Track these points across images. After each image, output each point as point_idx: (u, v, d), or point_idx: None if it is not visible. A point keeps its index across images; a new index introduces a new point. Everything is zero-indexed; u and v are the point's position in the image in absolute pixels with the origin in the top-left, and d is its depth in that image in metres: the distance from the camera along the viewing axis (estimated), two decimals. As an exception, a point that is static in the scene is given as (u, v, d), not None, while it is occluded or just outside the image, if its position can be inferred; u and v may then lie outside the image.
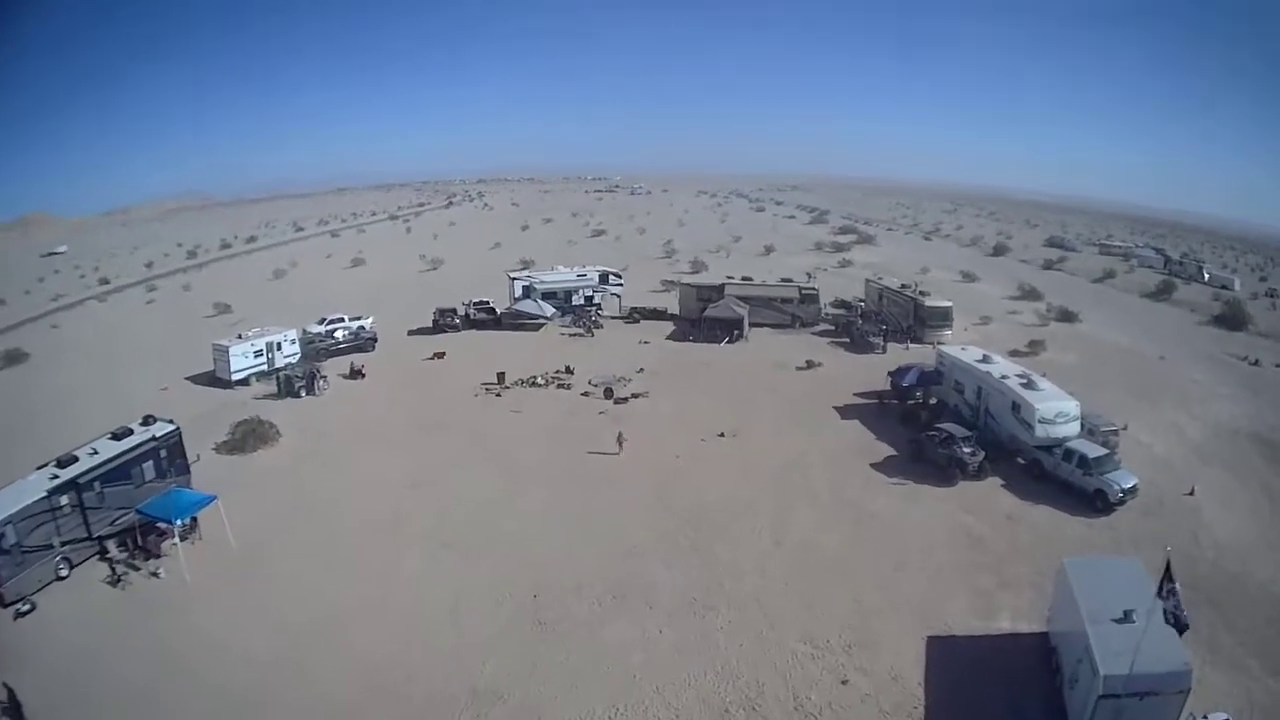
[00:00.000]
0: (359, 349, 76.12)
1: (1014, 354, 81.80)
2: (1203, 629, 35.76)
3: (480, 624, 35.83)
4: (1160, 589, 26.77)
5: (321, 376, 66.55)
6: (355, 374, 68.51)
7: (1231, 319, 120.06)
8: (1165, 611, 26.59)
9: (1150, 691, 27.17)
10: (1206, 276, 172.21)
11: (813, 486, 51.24)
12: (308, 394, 64.68)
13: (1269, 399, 78.56)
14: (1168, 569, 26.63)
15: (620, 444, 53.24)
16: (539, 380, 66.88)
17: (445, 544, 43.22)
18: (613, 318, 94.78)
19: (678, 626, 35.58)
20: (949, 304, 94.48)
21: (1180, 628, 26.77)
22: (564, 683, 31.79)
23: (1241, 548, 46.41)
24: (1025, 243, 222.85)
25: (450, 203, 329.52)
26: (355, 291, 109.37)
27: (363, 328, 79.76)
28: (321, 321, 79.97)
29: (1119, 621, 29.94)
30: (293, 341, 72.43)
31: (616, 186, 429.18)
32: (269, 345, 69.77)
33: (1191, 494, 52.99)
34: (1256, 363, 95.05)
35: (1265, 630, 38.08)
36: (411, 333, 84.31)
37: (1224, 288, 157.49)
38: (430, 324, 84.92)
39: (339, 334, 77.82)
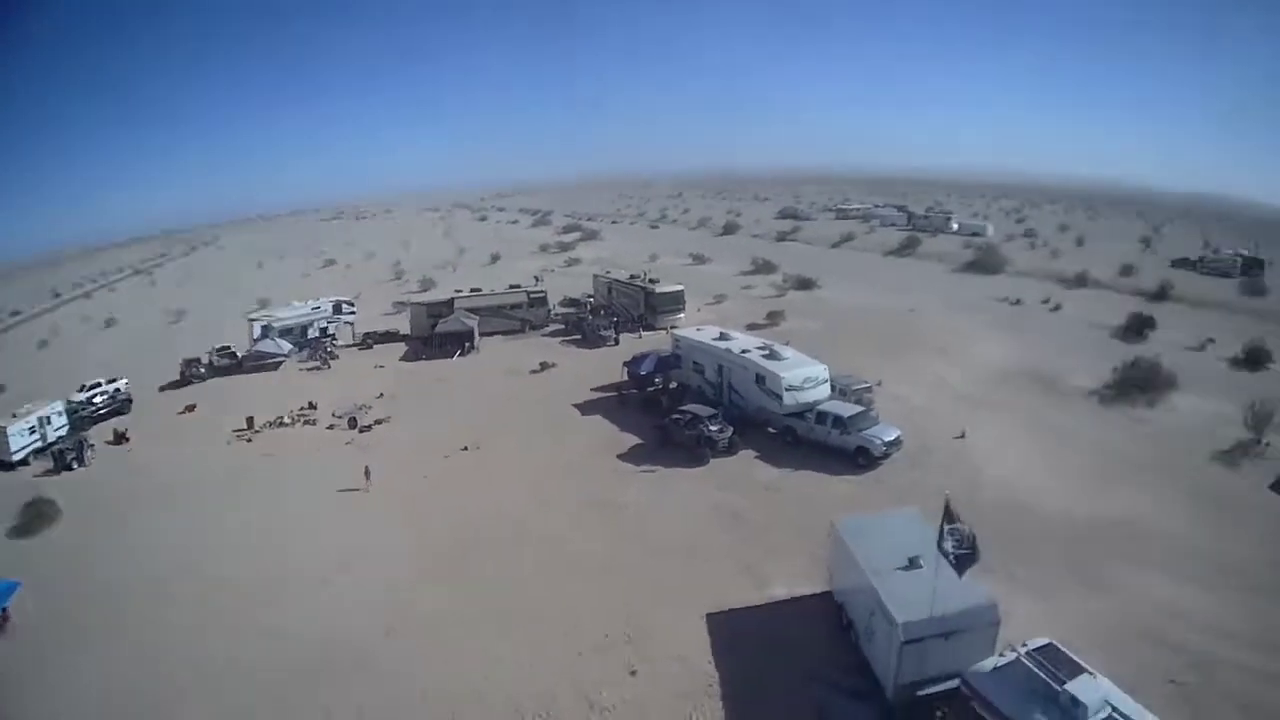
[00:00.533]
0: (118, 412, 76.51)
1: (753, 328, 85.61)
2: (997, 564, 37.38)
3: (261, 673, 35.26)
4: (940, 532, 28.09)
5: (89, 445, 66.49)
6: (120, 439, 68.39)
7: (986, 264, 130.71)
8: (943, 552, 27.85)
9: (955, 630, 28.34)
10: (955, 226, 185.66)
11: (563, 488, 52.27)
12: (79, 465, 64.41)
13: (1034, 336, 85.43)
14: (946, 510, 28.00)
15: (367, 478, 53.31)
16: (285, 420, 68.62)
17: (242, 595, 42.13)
18: (347, 346, 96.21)
19: (458, 647, 35.65)
20: (680, 288, 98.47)
21: (960, 566, 27.79)
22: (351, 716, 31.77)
23: (1024, 481, 49.83)
24: (757, 218, 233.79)
25: (191, 250, 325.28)
26: (109, 353, 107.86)
27: (119, 390, 79.54)
28: (82, 389, 78.73)
29: (905, 570, 31.42)
30: (60, 413, 72.15)
31: (341, 214, 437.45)
32: (40, 420, 69.52)
33: (962, 437, 56.50)
34: (1018, 302, 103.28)
35: (1065, 555, 41.04)
36: (163, 388, 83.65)
37: (976, 235, 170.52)
38: (179, 376, 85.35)
39: (98, 399, 77.58)
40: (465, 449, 59.47)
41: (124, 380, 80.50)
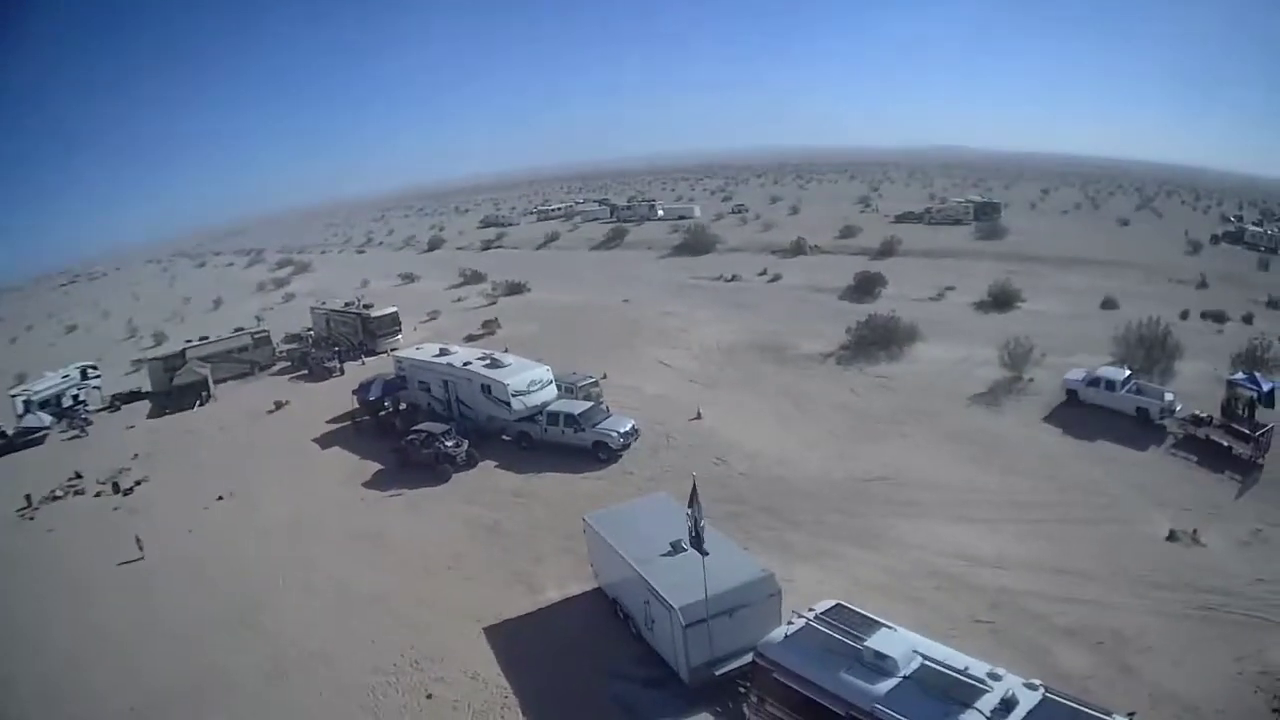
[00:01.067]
0: None
1: (470, 339, 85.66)
2: (766, 536, 38.43)
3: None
4: (691, 514, 27.93)
5: None
6: None
7: (696, 245, 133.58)
8: (695, 532, 27.97)
9: (736, 606, 28.61)
10: (661, 212, 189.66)
11: (320, 525, 50.90)
12: None
13: (757, 309, 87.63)
14: (694, 492, 27.87)
15: (140, 547, 51.06)
16: (58, 493, 66.43)
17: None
18: (98, 410, 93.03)
19: (260, 702, 34.44)
20: (394, 309, 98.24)
21: (698, 548, 28.07)
22: None
23: (773, 452, 50.61)
24: (460, 230, 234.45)
25: None
26: None
27: None
28: None
29: (670, 555, 31.43)
30: None
31: (77, 276, 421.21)
32: None
33: (699, 418, 57.13)
34: (734, 279, 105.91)
35: (835, 517, 41.78)
36: None
37: (683, 218, 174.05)
38: None
39: None
40: (220, 498, 57.75)
41: None
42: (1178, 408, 49.51)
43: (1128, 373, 52.53)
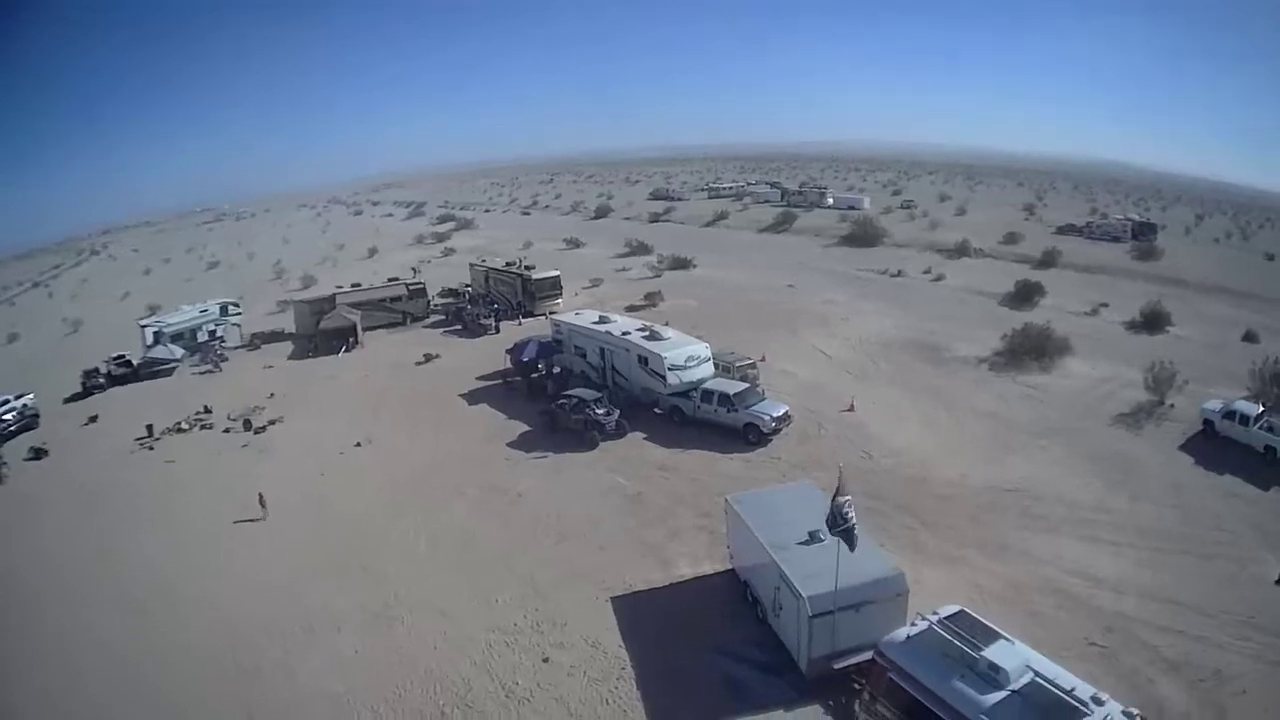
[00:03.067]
0: (27, 428, 74.54)
1: (631, 309, 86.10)
2: (901, 534, 38.54)
3: (185, 675, 34.70)
4: (833, 504, 28.05)
5: (4, 463, 64.30)
6: (38, 454, 66.42)
7: (863, 237, 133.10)
8: (830, 525, 28.18)
9: (863, 601, 28.72)
10: (831, 201, 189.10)
11: (456, 478, 51.74)
12: None
13: (918, 307, 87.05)
14: (840, 483, 27.93)
15: (263, 504, 51.03)
16: (184, 425, 67.93)
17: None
18: (235, 348, 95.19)
19: (370, 645, 35.37)
20: (556, 273, 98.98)
21: (850, 542, 28.06)
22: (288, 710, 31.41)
23: (917, 451, 50.63)
24: (629, 200, 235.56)
25: (80, 259, 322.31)
26: (10, 369, 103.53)
27: (26, 405, 77.40)
28: None
29: (806, 544, 31.65)
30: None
31: (223, 215, 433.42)
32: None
33: (851, 410, 57.18)
34: (899, 274, 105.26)
35: (967, 523, 41.77)
36: (66, 400, 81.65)
37: (852, 208, 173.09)
38: (80, 388, 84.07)
39: (7, 416, 75.19)
40: (359, 444, 58.90)
41: (30, 395, 79.14)
42: (1304, 451, 48.30)
43: (1261, 409, 51.17)
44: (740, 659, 32.22)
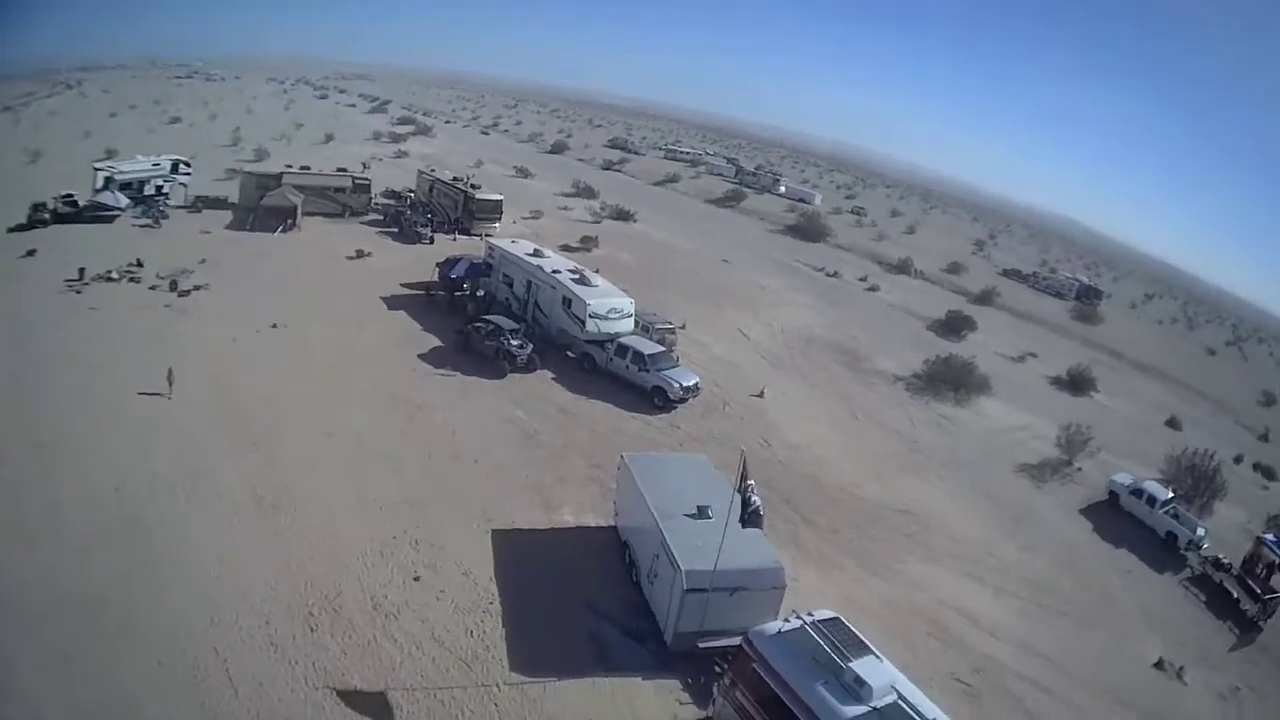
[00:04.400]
0: None
1: (565, 249, 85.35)
2: (782, 528, 38.41)
3: (77, 527, 33.66)
4: (738, 486, 27.99)
5: None
6: None
7: (809, 230, 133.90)
8: (744, 506, 27.87)
9: (739, 587, 28.80)
10: (783, 189, 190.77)
11: (361, 378, 51.12)
12: None
13: (848, 312, 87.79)
14: (743, 467, 28.05)
15: (170, 382, 50.13)
16: (114, 275, 67.28)
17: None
18: (178, 207, 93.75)
19: (248, 526, 35.01)
20: (500, 197, 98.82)
21: (749, 522, 28.05)
22: (152, 589, 30.64)
23: (818, 451, 50.78)
24: (586, 142, 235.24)
25: (53, 92, 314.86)
26: None
27: None
28: None
29: (694, 517, 31.62)
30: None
31: (195, 73, 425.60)
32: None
33: (760, 396, 57.33)
34: (835, 274, 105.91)
35: (852, 533, 41.92)
36: (10, 229, 79.77)
37: (803, 201, 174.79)
38: (25, 220, 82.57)
39: None
40: (275, 326, 58.15)
41: None
42: (1204, 544, 49.25)
43: (1170, 494, 52.15)
44: (608, 618, 32.15)
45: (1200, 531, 49.59)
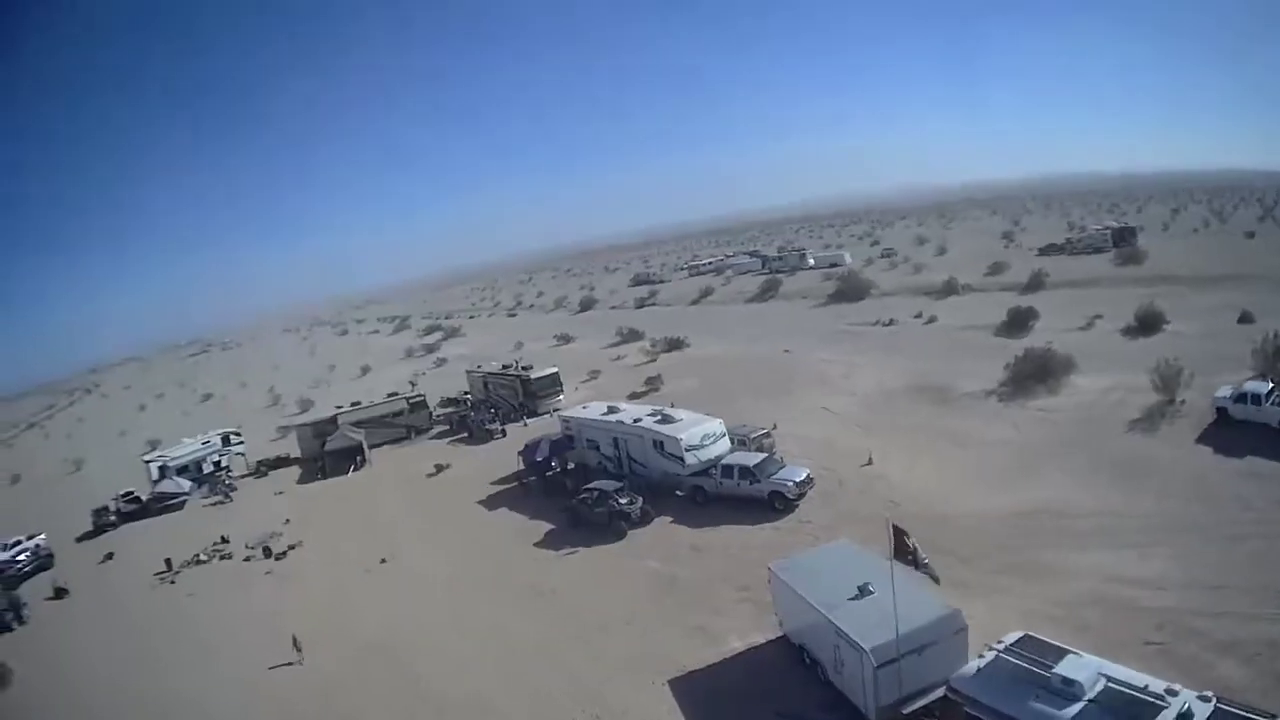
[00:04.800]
0: (42, 568, 75.14)
1: (634, 397, 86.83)
2: (942, 574, 38.58)
3: None
4: (902, 552, 29.02)
5: (24, 604, 64.25)
6: (59, 594, 66.55)
7: (851, 291, 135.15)
8: (922, 568, 29.17)
9: (925, 644, 29.13)
10: (812, 261, 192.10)
11: (487, 583, 52.21)
12: (19, 624, 62.31)
13: (914, 351, 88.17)
14: (896, 532, 28.98)
15: (298, 648, 49.88)
16: (202, 557, 68.17)
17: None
18: (242, 476, 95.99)
19: None
20: (555, 369, 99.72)
21: (933, 576, 29.47)
22: None
23: (940, 490, 51.29)
24: (611, 289, 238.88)
25: (73, 399, 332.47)
26: (15, 508, 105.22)
27: (39, 545, 78.24)
28: (2, 548, 77.03)
29: (857, 598, 32.13)
30: (-14, 576, 71.87)
31: (209, 346, 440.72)
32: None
33: (870, 463, 57.55)
34: (891, 323, 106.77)
35: (1001, 552, 42.38)
36: (79, 539, 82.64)
37: (834, 265, 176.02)
38: (91, 526, 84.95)
39: (21, 556, 75.90)
40: (383, 561, 59.04)
41: (43, 535, 79.62)
42: (1324, 418, 48.84)
43: (1270, 385, 52.02)
44: (802, 715, 32.47)
45: (1314, 408, 49.24)
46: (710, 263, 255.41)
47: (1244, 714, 21.89)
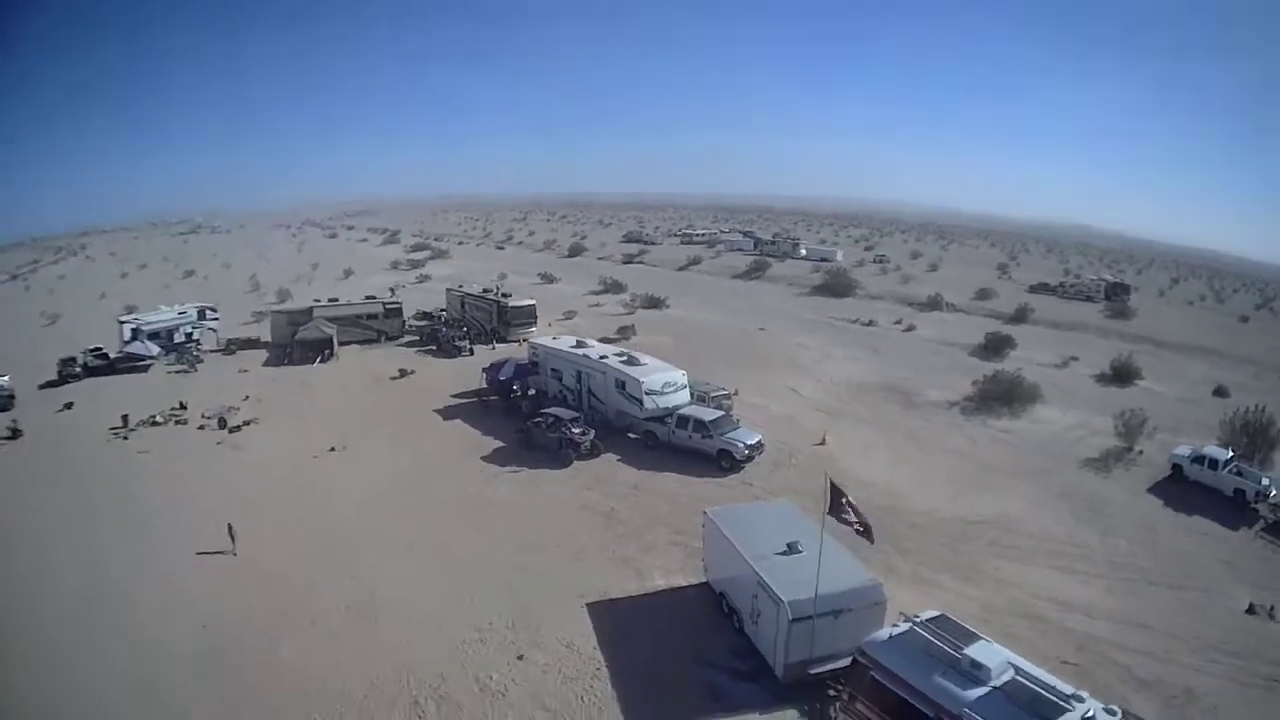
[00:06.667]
0: (2, 408, 75.20)
1: (605, 342, 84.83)
2: (873, 558, 38.32)
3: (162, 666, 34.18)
4: (835, 508, 29.13)
5: None
6: (14, 434, 67.20)
7: (837, 287, 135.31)
8: (847, 523, 29.17)
9: (842, 609, 29.31)
10: (804, 252, 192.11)
11: (431, 487, 52.46)
12: None
13: (889, 354, 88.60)
14: (833, 487, 29.16)
15: (232, 538, 48.96)
16: (158, 419, 68.74)
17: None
18: (211, 351, 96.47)
19: (345, 638, 35.57)
20: (532, 302, 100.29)
21: (868, 536, 29.25)
22: (258, 704, 31.31)
23: (889, 483, 51.59)
24: (602, 241, 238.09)
25: (59, 257, 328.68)
26: None
27: (2, 385, 78.39)
28: None
29: (785, 554, 32.44)
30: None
31: (199, 228, 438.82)
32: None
33: (823, 443, 58.01)
34: (871, 323, 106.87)
35: (940, 550, 42.77)
36: (41, 386, 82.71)
37: (825, 260, 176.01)
38: (56, 376, 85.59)
39: None
40: (333, 449, 59.36)
41: (6, 376, 79.83)
42: (1272, 493, 49.72)
43: (1230, 454, 53.03)
44: (715, 665, 32.63)
45: (1265, 482, 50.20)
46: (703, 234, 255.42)
47: None
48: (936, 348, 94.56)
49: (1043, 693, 22.69)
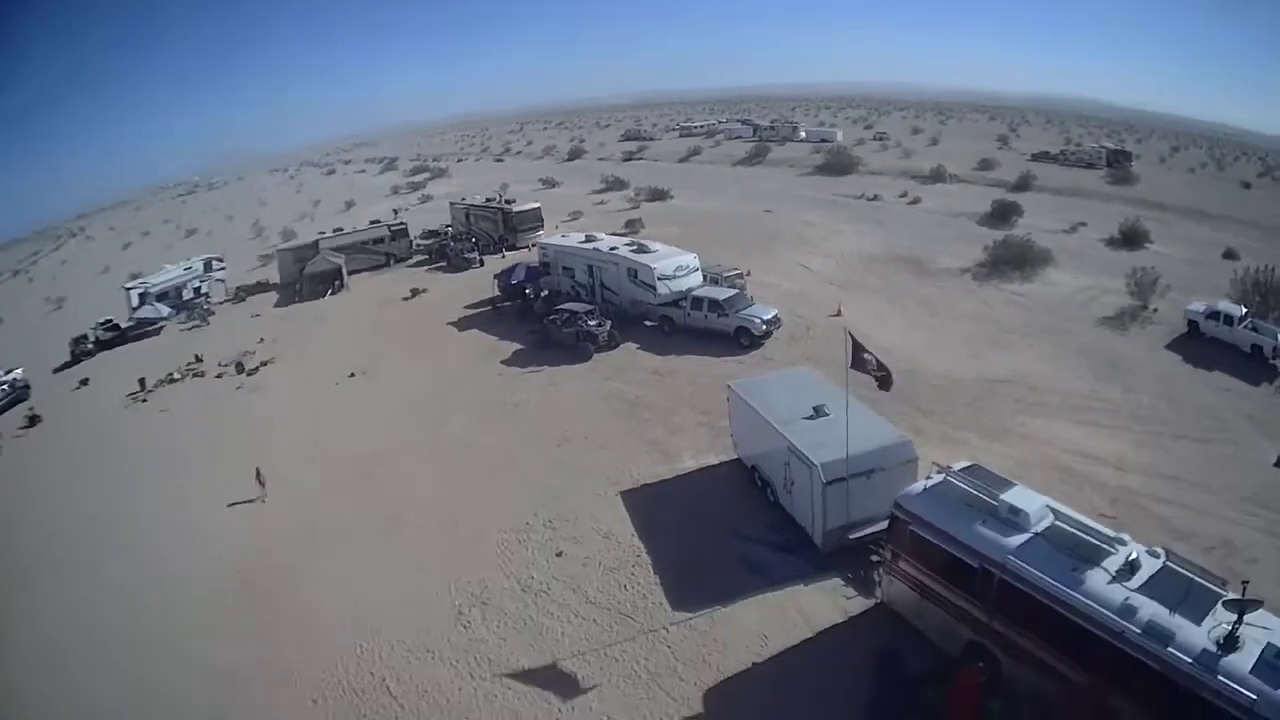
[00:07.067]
0: (18, 400, 74.32)
1: (613, 235, 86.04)
2: (899, 420, 38.22)
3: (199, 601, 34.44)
4: (857, 363, 28.58)
5: None
6: (32, 422, 66.33)
7: (838, 165, 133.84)
8: (872, 372, 28.41)
9: (874, 469, 29.11)
10: (803, 134, 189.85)
11: (454, 395, 52.82)
12: None
13: (896, 227, 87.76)
14: (855, 344, 28.58)
15: (261, 482, 49.16)
16: (175, 375, 68.63)
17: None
18: (221, 302, 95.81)
19: (380, 553, 35.81)
20: (537, 205, 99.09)
21: (884, 385, 28.58)
22: (296, 637, 31.23)
23: (908, 348, 51.20)
24: (600, 142, 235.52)
25: (59, 243, 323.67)
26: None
27: (15, 379, 77.13)
28: None
29: (812, 418, 32.11)
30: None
31: (197, 186, 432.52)
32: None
33: (838, 314, 57.80)
34: (876, 198, 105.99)
35: (964, 409, 42.84)
36: (56, 370, 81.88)
37: (825, 141, 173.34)
38: (69, 357, 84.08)
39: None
40: (353, 375, 59.36)
41: (20, 369, 78.90)
42: (1290, 349, 49.40)
43: (1244, 310, 52.54)
44: (754, 540, 32.69)
45: (1282, 337, 49.90)
46: (702, 126, 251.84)
47: (1192, 576, 21.19)
48: (943, 218, 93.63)
49: (1085, 537, 22.49)
